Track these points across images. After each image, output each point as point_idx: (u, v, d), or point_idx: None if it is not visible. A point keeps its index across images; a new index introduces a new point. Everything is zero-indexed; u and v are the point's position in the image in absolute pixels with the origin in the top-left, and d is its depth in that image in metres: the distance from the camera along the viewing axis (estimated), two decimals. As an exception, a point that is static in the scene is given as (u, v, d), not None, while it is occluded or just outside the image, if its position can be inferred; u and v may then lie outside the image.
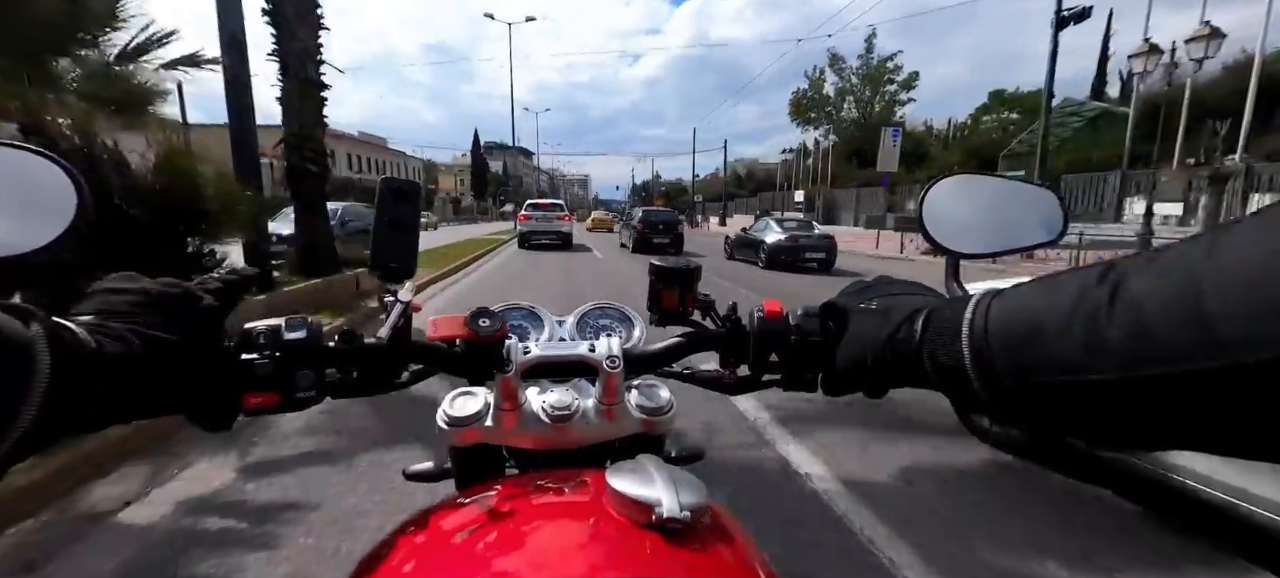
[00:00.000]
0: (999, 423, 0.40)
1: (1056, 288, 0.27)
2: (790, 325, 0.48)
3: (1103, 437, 0.26)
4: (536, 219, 16.22)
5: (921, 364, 0.34)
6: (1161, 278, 0.22)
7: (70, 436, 0.32)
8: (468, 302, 1.65)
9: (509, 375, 0.48)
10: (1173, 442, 0.23)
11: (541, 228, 16.09)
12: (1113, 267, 0.24)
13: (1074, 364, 0.24)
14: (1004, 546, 1.84)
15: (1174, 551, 1.81)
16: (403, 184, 0.50)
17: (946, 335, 0.32)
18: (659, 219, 15.45)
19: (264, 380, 0.42)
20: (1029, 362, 0.27)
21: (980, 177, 0.53)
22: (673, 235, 15.08)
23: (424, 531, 0.40)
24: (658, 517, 0.33)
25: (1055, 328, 0.25)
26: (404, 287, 0.50)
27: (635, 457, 0.40)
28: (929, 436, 2.62)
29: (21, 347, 0.27)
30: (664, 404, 0.53)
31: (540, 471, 0.51)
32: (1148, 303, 0.22)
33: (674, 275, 0.55)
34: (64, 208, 0.38)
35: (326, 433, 2.58)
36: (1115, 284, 0.23)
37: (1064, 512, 2.02)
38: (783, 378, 0.49)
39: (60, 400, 0.28)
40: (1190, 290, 0.20)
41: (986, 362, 0.29)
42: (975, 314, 0.30)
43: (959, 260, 0.50)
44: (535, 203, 17.28)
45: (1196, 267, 0.21)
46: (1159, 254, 0.23)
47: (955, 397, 0.33)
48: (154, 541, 1.82)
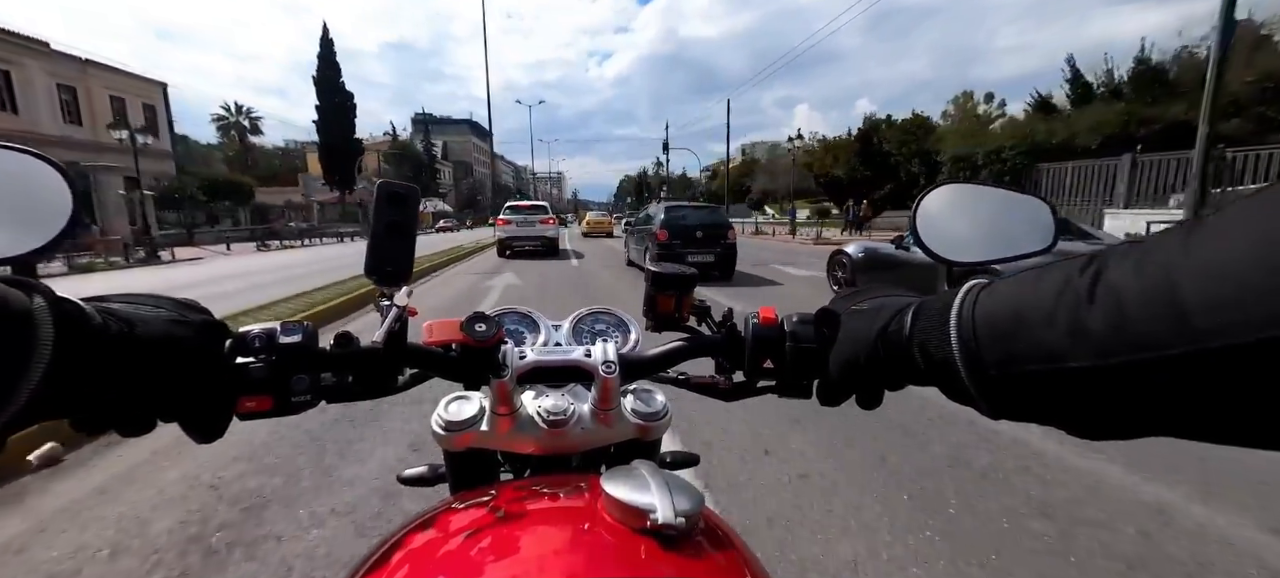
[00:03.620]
0: (989, 415, 0.31)
1: (1042, 277, 0.27)
2: (785, 332, 0.47)
3: (1085, 425, 0.26)
4: (517, 224, 14.13)
5: (913, 358, 0.34)
6: (1139, 267, 0.22)
7: (71, 414, 0.32)
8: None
9: (504, 380, 0.48)
10: (1151, 428, 0.24)
11: (523, 234, 13.96)
12: (1095, 258, 0.25)
13: (1056, 352, 0.25)
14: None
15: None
16: (399, 188, 0.47)
17: (935, 326, 0.32)
18: (696, 223, 9.26)
19: (258, 384, 0.41)
20: (1013, 350, 0.27)
21: (972, 186, 0.53)
22: (720, 250, 9.08)
23: (419, 536, 0.39)
24: (652, 523, 0.33)
25: (1039, 317, 0.26)
26: (400, 291, 0.47)
27: (630, 462, 0.40)
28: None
29: (25, 317, 0.27)
30: (659, 410, 0.54)
31: (535, 476, 0.54)
32: (1126, 291, 0.22)
33: (670, 281, 0.53)
34: (59, 211, 0.39)
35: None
36: (1097, 273, 0.24)
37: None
38: (778, 384, 0.48)
39: (63, 372, 0.28)
40: (1165, 279, 0.21)
41: (973, 351, 0.29)
42: (963, 304, 0.31)
43: (953, 268, 0.50)
44: (516, 206, 15.44)
45: (1172, 256, 0.21)
46: (1139, 244, 0.23)
47: (946, 389, 0.33)
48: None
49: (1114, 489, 2.02)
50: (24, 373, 0.27)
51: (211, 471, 2.27)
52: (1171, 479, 2.05)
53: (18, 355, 0.27)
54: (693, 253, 8.93)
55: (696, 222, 9.23)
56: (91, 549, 1.78)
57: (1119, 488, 2.03)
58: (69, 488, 2.19)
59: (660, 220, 9.25)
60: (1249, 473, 2.06)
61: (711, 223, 9.28)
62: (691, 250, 8.94)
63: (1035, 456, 2.29)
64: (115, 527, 1.90)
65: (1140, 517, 1.85)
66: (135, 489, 2.16)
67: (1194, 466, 2.12)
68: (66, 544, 1.81)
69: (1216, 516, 1.85)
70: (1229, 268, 0.19)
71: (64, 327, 0.28)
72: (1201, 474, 2.07)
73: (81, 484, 2.22)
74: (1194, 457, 2.13)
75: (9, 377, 0.26)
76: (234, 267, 12.87)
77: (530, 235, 13.92)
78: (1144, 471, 2.12)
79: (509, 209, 14.79)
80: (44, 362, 0.27)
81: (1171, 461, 2.15)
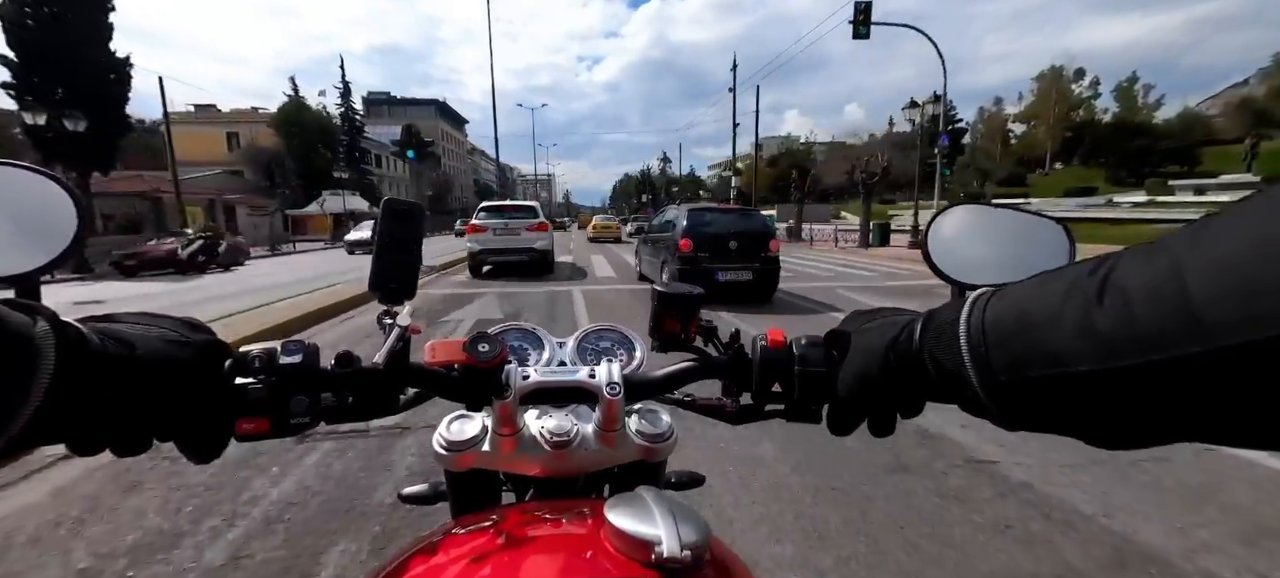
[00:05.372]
0: (1003, 426, 0.30)
1: (1051, 280, 0.27)
2: (794, 355, 0.46)
3: (1098, 433, 0.26)
4: (495, 231, 10.04)
5: (924, 368, 0.33)
6: (1148, 266, 0.22)
7: (68, 438, 0.32)
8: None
9: (507, 401, 0.47)
10: (1167, 434, 0.23)
11: (503, 245, 9.98)
12: (1105, 259, 0.24)
13: (1062, 355, 0.24)
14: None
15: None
16: (404, 204, 0.48)
17: (945, 335, 0.31)
18: (728, 230, 7.27)
19: (257, 405, 0.40)
20: (1022, 355, 0.26)
21: (985, 208, 0.52)
22: (759, 265, 7.19)
23: (422, 561, 0.39)
24: (657, 556, 0.32)
25: (1046, 320, 0.25)
26: (403, 310, 0.48)
27: (634, 488, 0.39)
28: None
29: (27, 340, 0.27)
30: (664, 431, 0.53)
31: (538, 500, 0.53)
32: (1134, 291, 0.22)
33: (677, 301, 0.52)
34: (64, 228, 0.39)
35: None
36: (1105, 275, 0.23)
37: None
38: (786, 409, 0.47)
39: (63, 397, 0.28)
40: (1174, 277, 0.21)
41: (983, 359, 0.28)
42: (972, 311, 0.30)
43: (964, 291, 0.46)
44: (494, 206, 10.88)
45: (1181, 253, 0.21)
46: (1148, 245, 0.23)
47: (960, 401, 0.32)
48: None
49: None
50: (25, 398, 0.27)
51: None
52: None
53: (19, 380, 0.27)
54: (724, 269, 7.04)
55: (728, 228, 7.30)
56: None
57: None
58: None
59: (682, 227, 7.31)
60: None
61: (748, 230, 7.35)
62: (722, 266, 7.04)
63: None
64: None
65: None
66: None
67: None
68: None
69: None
70: (1241, 263, 0.19)
71: (66, 352, 0.28)
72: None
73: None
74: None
75: (10, 402, 0.26)
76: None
77: (514, 247, 10.01)
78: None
79: (485, 211, 10.52)
80: (44, 386, 0.27)
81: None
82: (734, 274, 7.04)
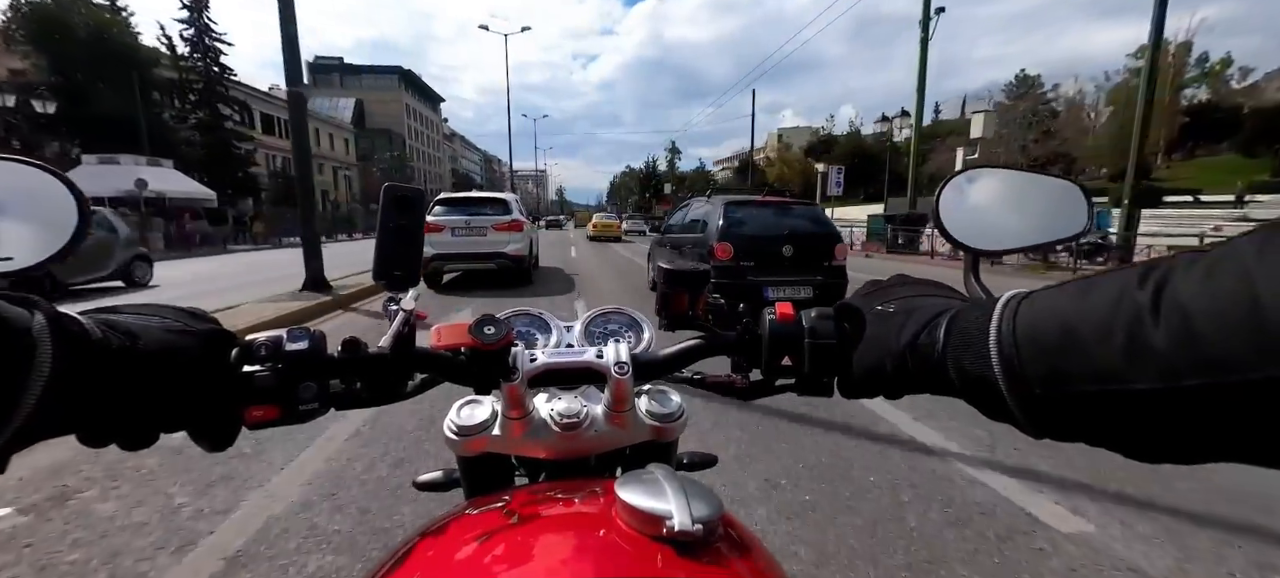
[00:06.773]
0: (1031, 434, 0.29)
1: (1092, 290, 0.25)
2: (804, 328, 0.45)
3: (1145, 449, 0.25)
4: (454, 231, 7.85)
5: (946, 372, 0.32)
6: (1210, 280, 0.20)
7: (75, 430, 0.32)
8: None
9: (516, 384, 0.48)
10: (1221, 455, 0.22)
11: (463, 248, 7.90)
12: (1154, 267, 0.23)
13: (1115, 373, 0.23)
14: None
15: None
16: (406, 191, 0.48)
17: (973, 342, 0.31)
18: (779, 231, 5.45)
19: (265, 393, 0.41)
20: (1064, 369, 0.25)
21: (998, 169, 0.51)
22: (823, 277, 5.43)
23: (432, 542, 0.39)
24: (669, 530, 0.33)
25: (1093, 334, 0.24)
26: (407, 295, 0.48)
27: (646, 466, 0.39)
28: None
29: (24, 334, 0.27)
30: (674, 410, 0.54)
31: (550, 481, 0.53)
32: (1195, 308, 0.20)
33: (683, 278, 0.53)
34: (65, 223, 0.39)
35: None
36: (1159, 286, 0.22)
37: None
38: (797, 382, 0.47)
39: (63, 390, 0.28)
40: (1243, 294, 0.19)
41: (1016, 370, 0.27)
42: (1002, 319, 0.29)
43: (979, 258, 0.49)
44: (454, 198, 8.60)
45: (1249, 266, 0.19)
46: (1205, 254, 0.22)
47: (982, 406, 0.31)
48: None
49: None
50: (23, 392, 0.27)
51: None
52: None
53: (16, 374, 0.26)
54: (775, 283, 5.28)
55: (779, 229, 5.51)
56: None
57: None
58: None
59: (717, 227, 5.49)
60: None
61: (807, 232, 5.56)
62: (772, 278, 5.30)
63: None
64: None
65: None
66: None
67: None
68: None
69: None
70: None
71: (63, 344, 0.28)
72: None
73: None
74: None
75: (7, 395, 0.26)
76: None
77: (478, 251, 7.94)
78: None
79: (442, 206, 8.21)
80: (42, 380, 0.27)
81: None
82: (792, 289, 5.29)
